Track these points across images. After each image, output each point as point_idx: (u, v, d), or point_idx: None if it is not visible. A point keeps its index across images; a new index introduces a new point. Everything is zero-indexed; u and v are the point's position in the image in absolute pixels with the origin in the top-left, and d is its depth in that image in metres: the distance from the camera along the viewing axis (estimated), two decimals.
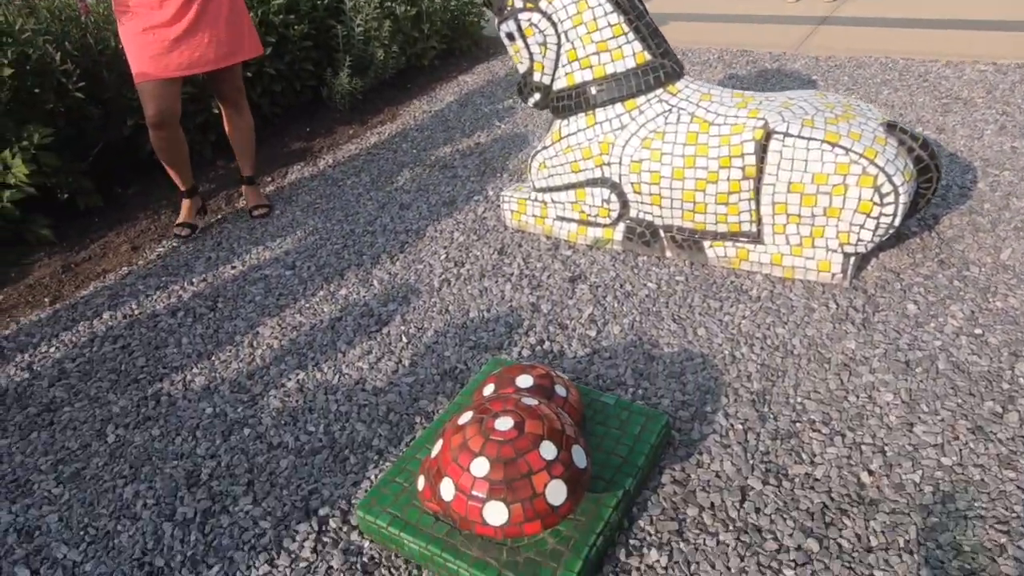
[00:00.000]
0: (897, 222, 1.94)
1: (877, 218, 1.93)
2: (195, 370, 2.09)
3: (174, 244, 2.82)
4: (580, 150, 2.29)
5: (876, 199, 1.91)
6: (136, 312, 2.40)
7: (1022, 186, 2.45)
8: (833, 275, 2.08)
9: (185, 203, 2.91)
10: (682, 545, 1.41)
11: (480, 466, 1.24)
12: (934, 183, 2.04)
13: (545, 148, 2.40)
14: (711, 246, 2.23)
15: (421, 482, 1.40)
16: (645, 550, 1.41)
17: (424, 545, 1.37)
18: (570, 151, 2.32)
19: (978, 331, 1.85)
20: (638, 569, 1.37)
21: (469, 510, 1.24)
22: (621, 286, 2.22)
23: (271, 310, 2.33)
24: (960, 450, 1.54)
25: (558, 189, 2.42)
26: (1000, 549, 1.33)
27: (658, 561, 1.38)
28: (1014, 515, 1.39)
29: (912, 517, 1.41)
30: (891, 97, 3.36)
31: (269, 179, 3.33)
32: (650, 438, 1.55)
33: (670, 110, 2.16)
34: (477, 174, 3.10)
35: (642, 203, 2.25)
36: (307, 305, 2.33)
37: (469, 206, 2.83)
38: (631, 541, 1.43)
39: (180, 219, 2.91)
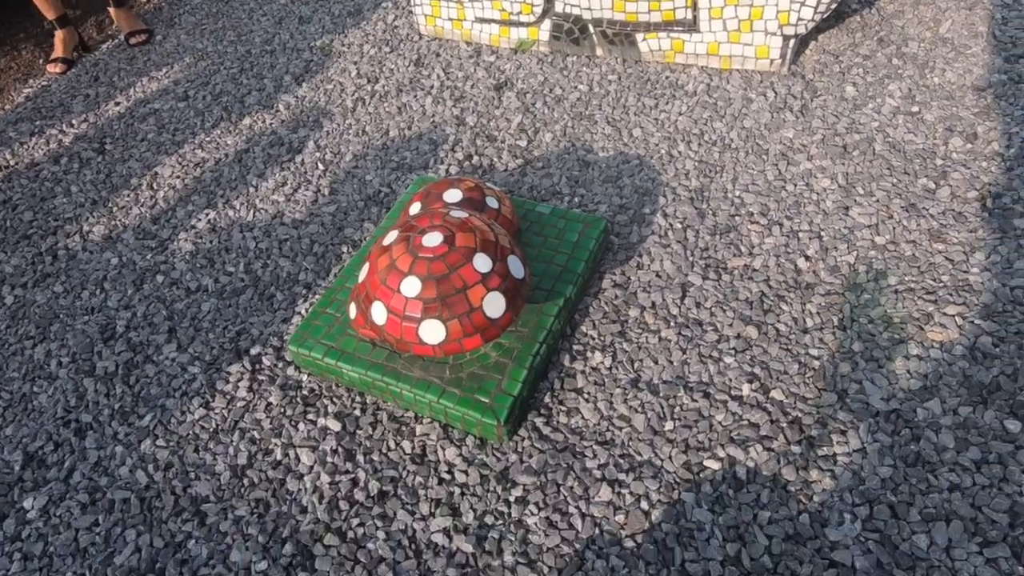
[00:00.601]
0: None
1: None
2: (91, 219, 1.89)
3: (44, 83, 2.47)
4: None
5: None
6: (12, 162, 2.13)
7: None
8: (771, 61, 1.96)
9: (58, 35, 2.51)
10: (625, 345, 1.41)
11: (411, 286, 1.16)
12: None
13: None
14: (644, 39, 2.05)
15: (353, 310, 1.32)
16: (589, 353, 1.40)
17: (364, 372, 1.32)
18: None
19: (915, 109, 1.81)
20: (583, 372, 1.37)
21: (404, 331, 1.18)
22: (550, 91, 2.06)
23: (168, 147, 2.09)
24: (893, 228, 1.54)
25: None
26: (927, 317, 1.37)
27: (602, 362, 1.38)
28: (941, 284, 1.42)
29: (846, 296, 1.43)
30: None
31: None
32: (589, 244, 1.49)
33: None
34: None
35: None
36: (208, 139, 2.10)
37: (377, 15, 2.53)
38: (575, 346, 1.41)
39: (54, 54, 2.52)
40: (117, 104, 2.30)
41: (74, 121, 2.25)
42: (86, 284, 1.71)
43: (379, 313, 1.19)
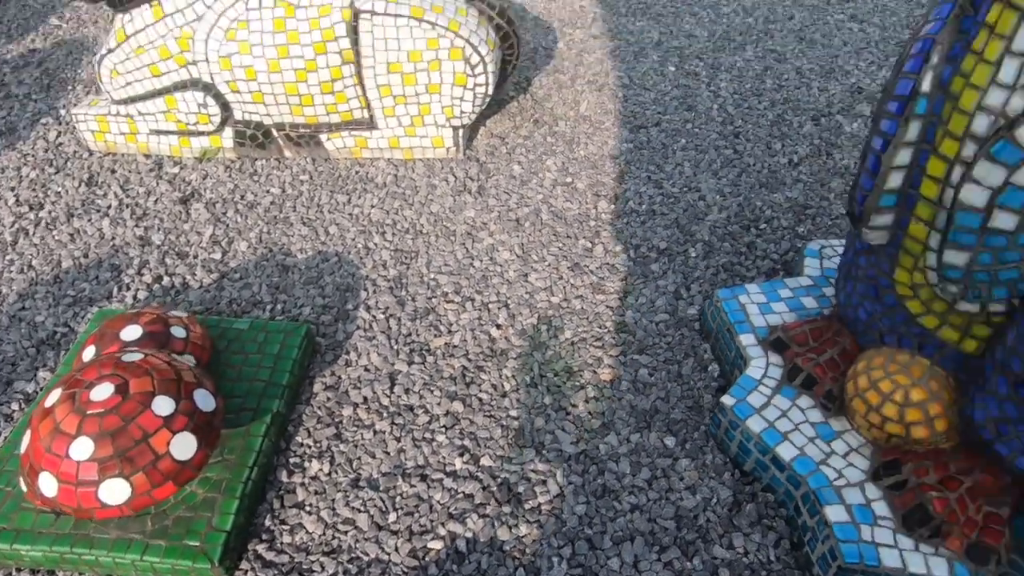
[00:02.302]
0: (491, 90, 2.06)
1: (473, 89, 2.03)
2: None
3: None
4: (155, 50, 1.97)
5: (468, 71, 1.99)
6: None
7: (590, 42, 2.79)
8: (448, 149, 2.17)
9: None
10: (342, 447, 1.43)
11: (82, 448, 1.08)
12: (516, 48, 2.19)
13: (111, 51, 2.01)
14: (329, 139, 2.15)
15: (24, 483, 1.18)
16: (306, 463, 1.40)
17: (48, 548, 1.18)
18: (143, 52, 1.98)
19: (569, 179, 2.12)
20: (303, 484, 1.37)
21: (81, 498, 1.08)
22: (242, 197, 2.05)
23: None
24: (564, 287, 1.78)
25: (142, 98, 2.08)
26: (598, 361, 1.60)
27: (321, 469, 1.39)
28: (606, 331, 1.67)
29: (534, 356, 1.62)
30: None
31: None
32: (292, 353, 1.50)
33: None
34: (40, 89, 2.52)
35: (244, 102, 2.05)
36: None
37: (36, 132, 2.31)
38: (291, 459, 1.41)
39: None
40: None
41: None
42: None
43: (48, 484, 1.08)
